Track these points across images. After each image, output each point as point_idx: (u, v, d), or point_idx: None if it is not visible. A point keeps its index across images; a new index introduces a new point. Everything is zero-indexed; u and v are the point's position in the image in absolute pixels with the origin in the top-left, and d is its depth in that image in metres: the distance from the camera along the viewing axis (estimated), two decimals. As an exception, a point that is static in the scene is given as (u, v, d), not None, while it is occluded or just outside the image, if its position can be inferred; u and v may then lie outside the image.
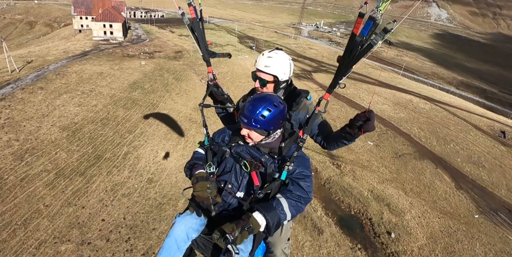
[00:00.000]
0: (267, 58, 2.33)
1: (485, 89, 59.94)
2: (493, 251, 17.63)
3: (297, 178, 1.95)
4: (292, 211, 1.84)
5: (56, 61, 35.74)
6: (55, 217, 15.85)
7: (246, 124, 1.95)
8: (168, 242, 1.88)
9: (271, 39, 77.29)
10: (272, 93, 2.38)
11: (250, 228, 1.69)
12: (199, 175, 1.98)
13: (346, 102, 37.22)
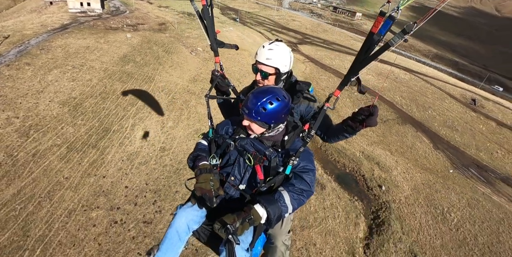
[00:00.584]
0: (268, 51, 2.32)
1: (457, 62, 63.83)
2: (465, 198, 20.77)
3: (300, 172, 1.97)
4: (294, 204, 1.87)
5: (36, 35, 33.97)
6: (78, 187, 16.44)
7: (247, 115, 1.97)
8: (170, 233, 1.92)
9: (253, 11, 76.00)
10: (275, 86, 2.35)
11: (251, 219, 1.71)
12: (203, 167, 2.00)
13: (333, 73, 38.93)
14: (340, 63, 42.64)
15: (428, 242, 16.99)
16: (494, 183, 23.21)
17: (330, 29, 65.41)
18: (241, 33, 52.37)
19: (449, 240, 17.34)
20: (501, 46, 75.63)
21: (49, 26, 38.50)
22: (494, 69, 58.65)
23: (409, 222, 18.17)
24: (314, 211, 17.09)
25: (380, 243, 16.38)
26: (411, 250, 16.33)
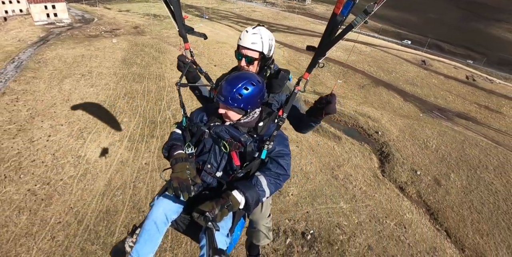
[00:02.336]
0: (253, 35, 2.29)
1: (400, 32, 73.70)
2: (436, 131, 27.89)
3: (276, 157, 1.99)
4: (271, 188, 1.90)
5: (21, 50, 34.34)
6: (160, 167, 18.76)
7: (223, 102, 1.94)
8: (147, 224, 1.90)
9: (213, 6, 79.01)
10: (251, 71, 2.35)
11: (229, 205, 1.72)
12: (178, 156, 1.98)
13: (309, 54, 44.81)
14: (310, 43, 48.66)
15: (421, 162, 23.61)
16: (452, 118, 30.93)
17: (289, 16, 71.41)
18: (212, 28, 55.92)
19: (433, 158, 24.14)
20: (432, 14, 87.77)
21: (27, 41, 38.70)
22: (429, 35, 69.18)
23: (404, 151, 24.67)
24: (340, 154, 22.72)
25: (391, 167, 22.59)
26: (412, 168, 22.77)
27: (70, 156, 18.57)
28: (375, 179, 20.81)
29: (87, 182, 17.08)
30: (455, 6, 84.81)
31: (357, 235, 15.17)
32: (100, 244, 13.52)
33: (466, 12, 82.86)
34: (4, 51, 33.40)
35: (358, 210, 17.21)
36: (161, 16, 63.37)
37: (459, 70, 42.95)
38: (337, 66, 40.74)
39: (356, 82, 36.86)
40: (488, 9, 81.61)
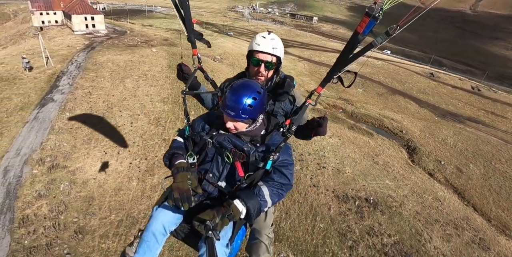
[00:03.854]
0: (271, 40, 2.31)
1: (404, 49, 79.78)
2: (452, 131, 31.88)
3: (280, 166, 1.99)
4: (273, 198, 1.88)
5: (74, 54, 38.02)
6: None
7: (234, 117, 1.92)
8: (146, 236, 1.89)
9: (228, 23, 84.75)
10: (264, 77, 2.42)
11: (230, 215, 1.71)
12: (180, 165, 1.96)
13: (327, 66, 49.44)
14: (327, 59, 53.50)
15: (443, 154, 27.37)
16: (464, 121, 35.09)
17: (301, 33, 77.20)
18: (234, 43, 60.82)
19: (453, 152, 27.95)
20: (430, 32, 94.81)
21: (76, 47, 42.55)
22: (429, 51, 75.20)
23: (427, 146, 28.46)
24: (375, 147, 26.40)
25: (419, 158, 26.30)
26: (436, 159, 26.48)
27: (157, 139, 21.62)
28: (408, 166, 24.43)
29: (178, 159, 20.42)
30: (451, 25, 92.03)
31: (405, 203, 18.59)
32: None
33: (461, 30, 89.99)
34: (59, 54, 37.12)
35: (400, 187, 20.69)
36: (182, 32, 67.97)
37: (464, 81, 47.85)
38: (357, 78, 45.22)
39: (374, 91, 41.20)
40: (484, 27, 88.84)
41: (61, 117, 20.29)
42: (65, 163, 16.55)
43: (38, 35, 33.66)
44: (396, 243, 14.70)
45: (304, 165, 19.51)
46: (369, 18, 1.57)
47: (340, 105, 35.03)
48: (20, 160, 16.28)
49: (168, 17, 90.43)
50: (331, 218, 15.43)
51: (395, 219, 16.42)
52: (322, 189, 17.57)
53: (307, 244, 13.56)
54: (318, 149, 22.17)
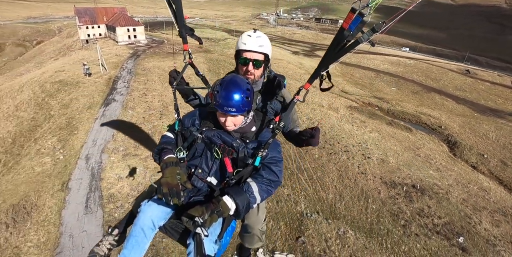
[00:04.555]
0: (257, 38, 2.33)
1: (434, 49, 78.50)
2: (493, 126, 31.50)
3: (269, 163, 2.01)
4: (262, 195, 1.91)
5: (122, 62, 41.20)
6: None
7: (236, 112, 1.91)
8: (134, 230, 1.88)
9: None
10: (256, 75, 2.43)
11: (219, 211, 1.71)
12: (169, 160, 1.96)
13: (356, 67, 50.07)
14: (357, 60, 54.12)
15: (486, 148, 27.27)
16: (505, 117, 34.47)
17: (328, 37, 78.14)
18: (264, 48, 62.92)
19: (496, 146, 27.74)
20: (462, 30, 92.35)
21: (123, 55, 46.23)
22: (461, 49, 73.45)
23: (468, 141, 28.42)
24: (415, 141, 26.85)
25: (460, 151, 26.41)
26: (479, 153, 26.44)
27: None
28: (450, 159, 24.69)
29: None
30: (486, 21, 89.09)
31: (451, 191, 19.06)
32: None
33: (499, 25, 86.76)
34: (111, 62, 40.56)
35: (445, 177, 21.11)
36: (215, 39, 71.55)
37: (504, 77, 46.68)
38: (388, 76, 45.52)
39: (409, 89, 41.35)
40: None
41: (125, 114, 22.72)
42: (136, 152, 18.69)
43: (97, 46, 37.26)
44: (447, 223, 15.36)
45: (350, 155, 20.53)
46: (354, 14, 1.56)
47: (375, 103, 35.64)
48: (98, 149, 18.60)
49: (198, 26, 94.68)
50: (382, 200, 16.35)
51: (443, 203, 17.05)
52: (370, 176, 18.51)
53: (362, 222, 14.60)
54: (361, 142, 23.10)
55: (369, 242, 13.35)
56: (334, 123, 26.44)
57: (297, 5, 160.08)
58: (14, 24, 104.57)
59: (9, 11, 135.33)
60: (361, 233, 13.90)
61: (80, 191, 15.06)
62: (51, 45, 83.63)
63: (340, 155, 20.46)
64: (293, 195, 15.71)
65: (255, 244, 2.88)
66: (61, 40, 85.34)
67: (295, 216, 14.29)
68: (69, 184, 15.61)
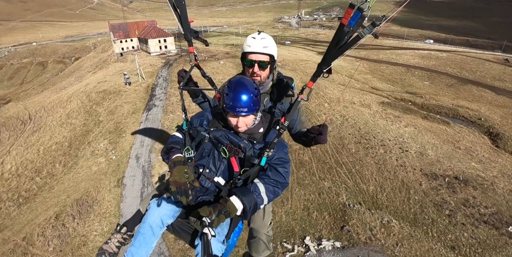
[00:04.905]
0: (262, 40, 2.33)
1: (467, 39, 75.06)
2: (539, 116, 29.86)
3: (275, 164, 2.00)
4: (269, 196, 1.90)
5: (157, 70, 43.31)
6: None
7: (247, 112, 1.95)
8: (143, 228, 1.90)
9: (279, 34, 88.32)
10: (263, 76, 2.44)
11: (227, 212, 1.72)
12: (177, 159, 1.97)
13: (388, 64, 49.24)
14: (385, 56, 53.19)
15: (532, 139, 25.93)
16: (552, 106, 32.44)
17: (353, 35, 77.26)
18: (289, 50, 63.45)
19: (544, 136, 26.27)
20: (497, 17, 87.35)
21: (157, 65, 48.82)
22: (497, 38, 69.56)
23: (510, 132, 27.15)
24: (454, 134, 26.08)
25: (504, 143, 25.25)
26: (521, 142, 25.21)
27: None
28: (492, 151, 23.77)
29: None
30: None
31: (497, 182, 18.43)
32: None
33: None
34: (147, 71, 43.05)
35: (488, 168, 20.42)
36: (239, 46, 73.24)
37: (548, 65, 43.85)
38: (419, 71, 44.36)
39: (443, 82, 40.06)
40: None
41: (166, 117, 24.23)
42: (180, 152, 19.96)
43: (135, 57, 39.90)
44: (494, 213, 14.99)
45: (387, 149, 20.51)
46: (353, 9, 1.57)
47: (408, 99, 34.95)
48: (146, 149, 20.06)
49: (222, 34, 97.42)
50: (424, 192, 16.27)
51: (489, 194, 16.60)
52: (409, 168, 18.42)
53: (405, 212, 14.67)
54: (397, 136, 22.94)
55: (414, 231, 13.43)
56: (368, 119, 26.41)
57: (318, 5, 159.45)
58: (54, 43, 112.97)
59: (50, 32, 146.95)
60: (405, 222, 13.99)
61: (134, 187, 16.44)
62: (88, 60, 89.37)
63: (377, 149, 20.50)
64: (334, 188, 16.08)
65: (262, 253, 2.78)
66: (97, 55, 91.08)
67: (338, 207, 14.66)
68: (124, 181, 17.08)
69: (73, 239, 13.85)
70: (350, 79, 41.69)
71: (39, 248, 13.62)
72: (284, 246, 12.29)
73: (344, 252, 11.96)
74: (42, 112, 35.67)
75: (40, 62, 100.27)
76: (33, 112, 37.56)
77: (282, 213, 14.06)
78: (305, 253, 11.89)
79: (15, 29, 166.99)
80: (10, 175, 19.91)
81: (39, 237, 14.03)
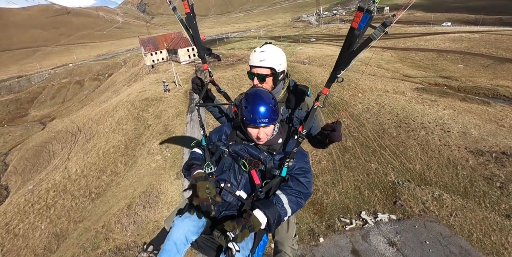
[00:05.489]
0: (260, 53, 2.35)
1: (501, 18, 71.44)
2: None
3: (297, 174, 1.99)
4: (293, 207, 1.88)
5: (190, 77, 45.96)
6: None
7: (268, 123, 1.96)
8: (167, 245, 1.88)
9: (299, 33, 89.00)
10: (265, 87, 2.42)
11: (251, 226, 1.71)
12: (198, 175, 1.96)
13: (417, 51, 48.36)
14: (413, 44, 52.26)
15: None
16: None
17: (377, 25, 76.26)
18: (313, 47, 63.96)
19: None
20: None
21: (189, 72, 51.43)
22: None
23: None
24: (495, 113, 25.50)
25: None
26: None
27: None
28: (540, 127, 23.07)
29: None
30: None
31: (549, 157, 18.08)
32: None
33: None
34: (181, 79, 45.55)
35: (538, 144, 19.99)
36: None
37: None
38: (452, 54, 43.27)
39: (478, 63, 38.87)
40: None
41: (209, 117, 25.86)
42: (227, 146, 21.46)
43: (172, 65, 42.46)
44: (548, 183, 14.89)
45: (428, 131, 20.70)
46: (362, 12, 1.58)
47: (442, 83, 34.39)
48: (196, 147, 21.75)
49: (244, 39, 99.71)
50: (472, 167, 16.43)
51: (540, 166, 16.42)
52: (454, 147, 18.57)
53: (455, 186, 15.00)
54: (436, 119, 22.97)
55: (467, 203, 13.77)
56: (404, 105, 26.52)
57: (336, 1, 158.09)
58: (88, 62, 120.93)
59: (82, 53, 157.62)
60: (456, 195, 14.35)
61: (193, 179, 18.05)
62: (120, 75, 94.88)
63: (418, 132, 20.75)
64: (381, 168, 16.70)
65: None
66: (128, 70, 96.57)
67: (388, 185, 15.29)
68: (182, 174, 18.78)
69: (147, 224, 15.60)
70: (367, 65, 41.57)
71: (118, 234, 15.49)
72: (342, 220, 13.19)
73: (401, 223, 12.64)
74: (90, 123, 39.05)
75: (77, 81, 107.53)
76: (81, 125, 41.18)
77: (335, 193, 14.96)
78: (363, 225, 12.71)
79: (51, 53, 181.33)
80: (77, 176, 22.43)
81: (117, 225, 15.94)
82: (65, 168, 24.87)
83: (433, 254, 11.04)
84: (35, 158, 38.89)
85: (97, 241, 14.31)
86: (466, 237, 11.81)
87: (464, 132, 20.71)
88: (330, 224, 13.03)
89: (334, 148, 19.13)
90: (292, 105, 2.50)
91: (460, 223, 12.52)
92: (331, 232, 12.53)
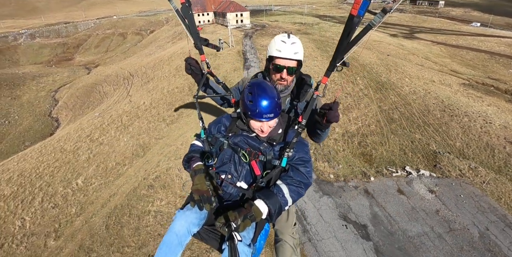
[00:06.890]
0: (292, 44, 2.28)
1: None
2: None
3: (297, 164, 2.01)
4: (293, 197, 1.90)
5: (240, 40, 46.93)
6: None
7: (273, 117, 1.97)
8: (168, 237, 1.90)
9: (344, 15, 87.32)
10: (289, 81, 2.44)
11: (252, 216, 1.73)
12: (197, 167, 1.99)
13: (467, 49, 47.85)
14: (466, 42, 51.42)
15: None
16: None
17: (428, 19, 74.19)
18: (360, 31, 63.44)
19: None
20: None
21: (238, 36, 52.62)
22: None
23: None
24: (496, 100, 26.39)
25: None
26: None
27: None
28: None
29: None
30: None
31: None
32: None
33: None
34: (233, 40, 46.95)
35: None
36: (308, 24, 74.45)
37: None
38: (505, 59, 42.92)
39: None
40: None
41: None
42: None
43: (229, 26, 43.88)
44: None
45: (471, 118, 22.11)
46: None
47: (490, 83, 34.82)
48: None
49: (287, 13, 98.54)
50: (508, 153, 18.06)
51: None
52: (493, 135, 20.08)
53: (490, 164, 16.82)
54: (480, 111, 24.20)
55: (499, 177, 15.66)
56: (450, 95, 27.65)
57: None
58: (131, 17, 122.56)
59: (124, 8, 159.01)
60: (491, 170, 16.22)
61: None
62: (163, 33, 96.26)
63: (461, 118, 22.22)
64: (424, 139, 18.60)
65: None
66: (171, 28, 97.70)
67: (429, 152, 17.28)
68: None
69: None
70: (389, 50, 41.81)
71: (196, 151, 18.28)
72: (389, 169, 15.45)
73: (440, 179, 14.77)
74: (144, 69, 41.77)
75: (120, 33, 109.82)
76: (133, 71, 44.01)
77: (382, 150, 17.10)
78: (407, 175, 14.93)
79: (94, 5, 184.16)
80: (146, 107, 25.26)
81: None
82: (130, 101, 27.77)
83: (466, 204, 13.22)
84: (85, 97, 42.32)
85: (179, 153, 17.09)
86: (495, 199, 13.87)
87: (505, 126, 22.02)
88: (379, 170, 15.34)
89: (382, 117, 21.02)
90: (298, 97, 2.51)
91: (491, 189, 14.52)
92: (380, 175, 14.87)
